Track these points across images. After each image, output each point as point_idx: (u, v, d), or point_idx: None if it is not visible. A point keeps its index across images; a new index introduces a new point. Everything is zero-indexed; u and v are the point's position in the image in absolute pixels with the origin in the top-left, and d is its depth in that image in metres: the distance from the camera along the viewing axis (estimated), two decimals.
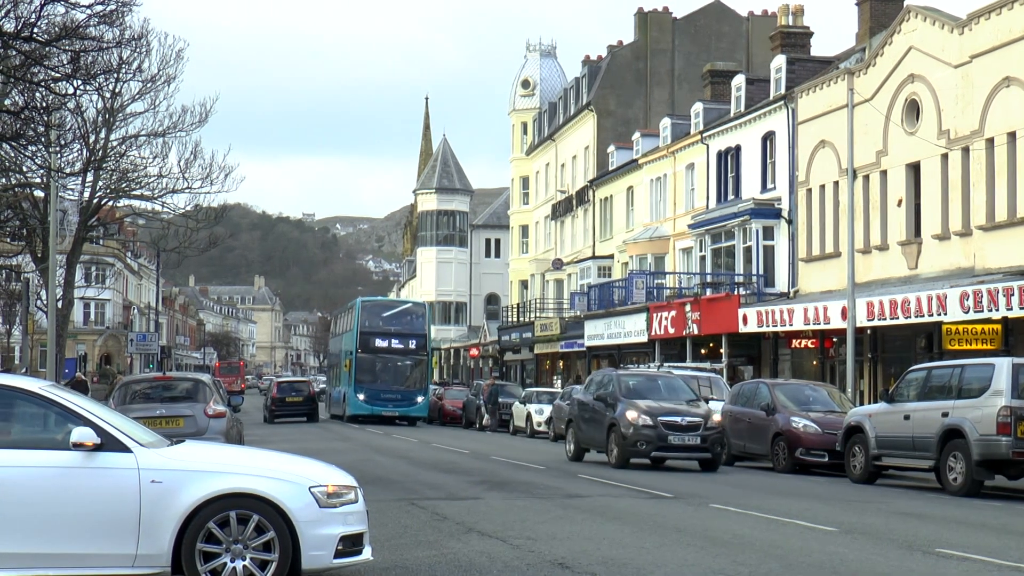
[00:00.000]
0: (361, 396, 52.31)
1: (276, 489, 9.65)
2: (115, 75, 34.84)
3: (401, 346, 53.82)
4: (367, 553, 10.12)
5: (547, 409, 41.92)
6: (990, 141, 32.05)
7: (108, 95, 40.03)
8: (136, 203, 47.53)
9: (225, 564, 9.52)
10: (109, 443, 9.55)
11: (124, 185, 44.20)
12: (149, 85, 41.72)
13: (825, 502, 18.91)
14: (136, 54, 37.15)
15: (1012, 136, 31.24)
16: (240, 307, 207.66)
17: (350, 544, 9.88)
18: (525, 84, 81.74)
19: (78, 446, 9.44)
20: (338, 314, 66.49)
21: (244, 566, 9.55)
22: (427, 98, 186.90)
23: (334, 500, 9.83)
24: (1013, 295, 28.11)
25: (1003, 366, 20.52)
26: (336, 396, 58.07)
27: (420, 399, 53.47)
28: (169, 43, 40.27)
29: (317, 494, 9.75)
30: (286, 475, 9.88)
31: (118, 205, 48.69)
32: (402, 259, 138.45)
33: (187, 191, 43.94)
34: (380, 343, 53.30)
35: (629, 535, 14.31)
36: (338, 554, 9.78)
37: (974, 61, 32.55)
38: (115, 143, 43.00)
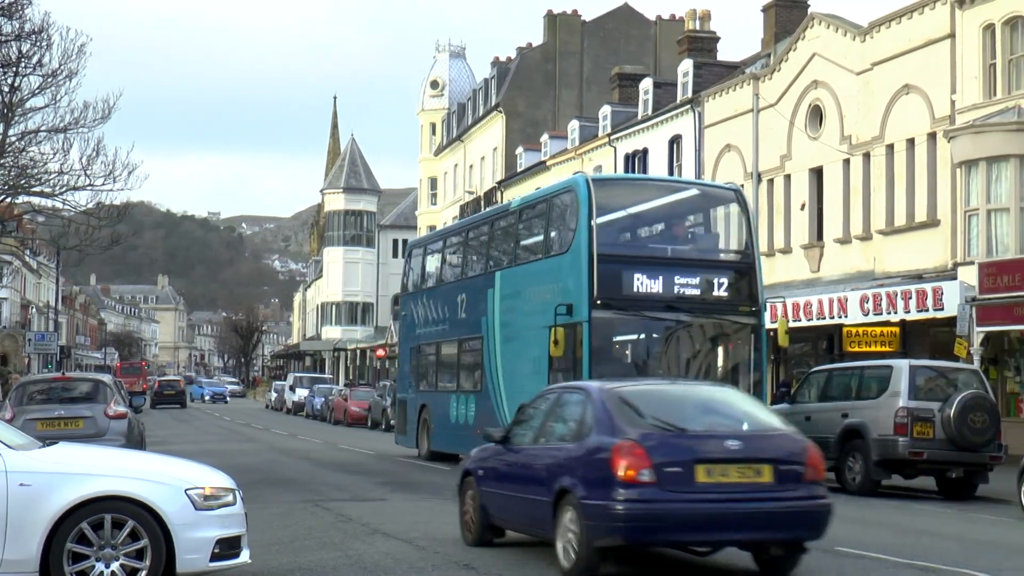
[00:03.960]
0: None
1: (150, 491, 9.44)
2: (14, 69, 34.12)
3: (697, 293, 21.09)
4: (245, 556, 9.95)
5: None
6: (890, 147, 32.66)
7: (7, 89, 39.24)
8: (36, 200, 46.62)
9: (94, 568, 9.28)
10: None
11: (23, 182, 43.29)
12: (50, 80, 40.98)
13: None
14: (36, 48, 36.42)
15: (911, 143, 31.86)
16: (143, 307, 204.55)
17: (227, 547, 9.70)
18: (434, 84, 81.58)
19: None
20: (469, 228, 28.26)
21: (114, 571, 9.31)
22: (335, 97, 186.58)
23: (211, 502, 9.64)
24: (911, 298, 28.67)
25: (902, 368, 20.93)
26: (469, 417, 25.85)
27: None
28: (71, 37, 39.41)
29: (193, 496, 9.56)
30: (161, 477, 9.68)
31: (16, 202, 47.67)
32: (309, 259, 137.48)
33: (89, 188, 43.15)
34: (648, 284, 20.89)
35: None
36: (214, 557, 9.60)
37: (875, 68, 33.14)
38: (14, 138, 42.13)
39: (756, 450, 10.89)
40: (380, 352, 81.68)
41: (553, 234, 22.48)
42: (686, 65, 45.84)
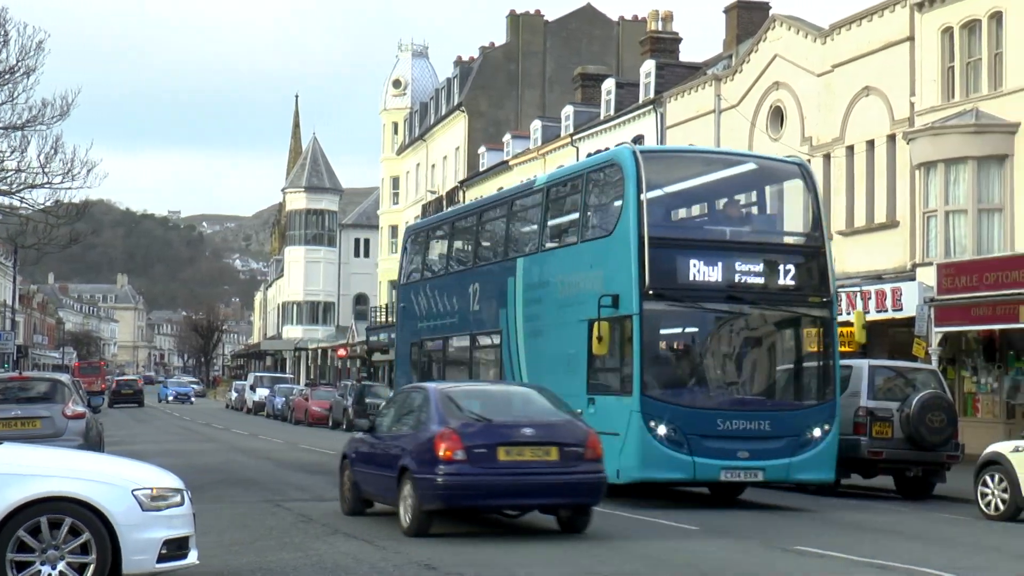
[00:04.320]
0: (662, 429, 17.73)
1: (96, 492, 9.32)
2: None
3: (761, 281, 18.52)
4: (193, 557, 9.84)
5: None
6: (850, 148, 32.87)
7: None
8: None
9: (40, 571, 9.14)
10: None
11: None
12: (7, 77, 40.60)
13: (677, 500, 19.18)
14: None
15: (871, 144, 32.07)
16: (102, 306, 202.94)
17: (175, 548, 9.60)
18: (397, 84, 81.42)
19: None
20: (483, 210, 25.09)
21: (61, 571, 9.18)
22: (297, 96, 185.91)
23: (158, 503, 9.54)
24: (870, 299, 28.86)
25: (861, 368, 21.05)
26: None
27: (817, 433, 18.34)
28: (29, 33, 39.07)
29: (140, 497, 9.46)
30: (107, 477, 9.57)
31: None
32: (270, 258, 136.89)
33: (47, 186, 42.73)
34: (705, 271, 18.23)
35: (496, 534, 14.34)
36: (161, 558, 9.48)
37: (835, 70, 33.34)
38: None
39: (546, 436, 14.08)
40: (341, 352, 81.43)
41: (591, 215, 19.82)
42: (648, 66, 45.96)
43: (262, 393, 67.58)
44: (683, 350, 18.83)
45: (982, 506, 17.54)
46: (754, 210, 20.55)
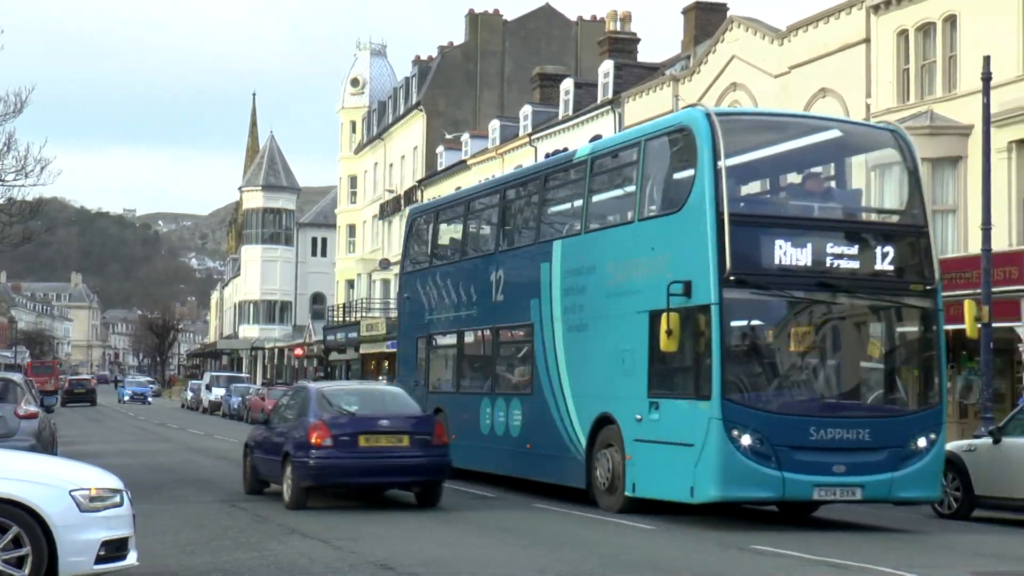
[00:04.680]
0: (746, 439, 15.00)
1: (32, 493, 9.17)
2: None
3: (856, 266, 16.02)
4: (132, 558, 9.69)
5: None
6: None
7: None
8: None
9: None
10: None
11: None
12: None
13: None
14: None
15: None
16: (56, 304, 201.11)
17: (113, 549, 9.45)
18: (355, 82, 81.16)
19: None
20: (508, 187, 22.39)
21: None
22: (255, 94, 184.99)
23: (97, 504, 9.39)
24: None
25: None
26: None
27: (922, 444, 15.78)
28: None
29: (78, 497, 9.30)
30: (44, 478, 9.42)
31: None
32: (226, 257, 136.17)
33: (0, 184, 42.37)
34: (793, 254, 15.65)
35: (453, 535, 14.32)
36: (99, 560, 9.33)
37: (793, 72, 33.52)
38: None
39: (399, 426, 17.10)
40: (298, 351, 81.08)
41: (651, 189, 17.14)
42: (607, 66, 46.04)
43: (218, 393, 67.10)
44: (769, 346, 15.98)
45: (935, 505, 17.69)
46: (840, 183, 17.76)
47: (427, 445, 16.99)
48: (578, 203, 18.97)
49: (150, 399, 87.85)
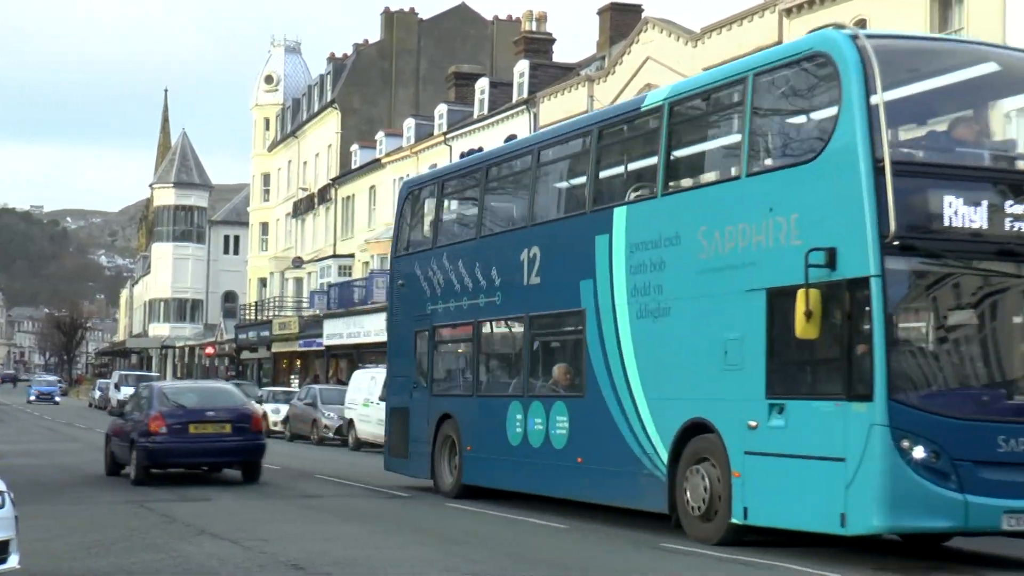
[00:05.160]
0: (920, 452, 11.56)
1: None
2: None
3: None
4: (13, 561, 9.43)
5: (283, 408, 41.41)
6: None
7: None
8: None
9: None
10: None
11: None
12: None
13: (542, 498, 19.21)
14: None
15: None
16: None
17: None
18: (269, 79, 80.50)
19: None
20: (543, 148, 18.14)
21: None
22: (167, 90, 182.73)
23: None
24: None
25: None
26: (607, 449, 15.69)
27: None
28: None
29: None
30: None
31: None
32: (136, 255, 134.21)
33: None
34: (966, 214, 12.18)
35: (365, 534, 14.20)
36: None
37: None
38: None
39: (223, 416, 21.02)
40: (209, 350, 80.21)
41: (767, 135, 13.92)
42: (522, 66, 46.12)
43: (127, 392, 66.02)
44: (944, 331, 12.44)
45: None
46: (989, 129, 14.34)
47: (246, 432, 21.00)
48: (651, 160, 15.33)
49: (58, 399, 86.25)
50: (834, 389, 11.94)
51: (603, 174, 16.45)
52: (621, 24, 42.65)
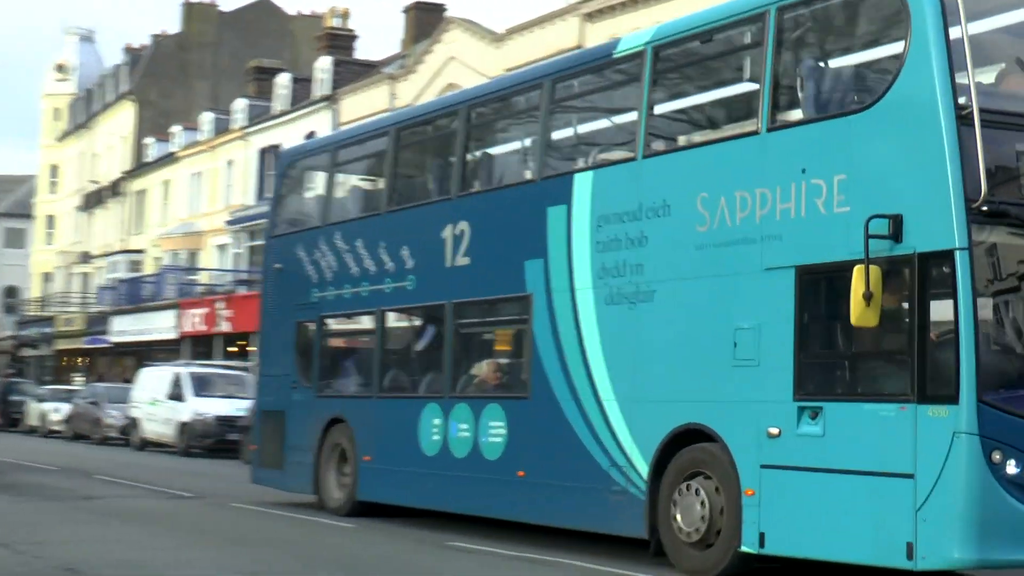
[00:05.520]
0: (1012, 467, 9.19)
1: None
2: None
3: None
4: None
5: (64, 408, 39.96)
6: None
7: None
8: None
9: None
10: None
11: None
12: None
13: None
14: None
15: None
16: None
17: None
18: (60, 68, 78.13)
19: None
20: (474, 106, 15.04)
21: None
22: None
23: None
24: None
25: None
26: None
27: None
28: None
29: None
30: None
31: None
32: None
33: None
34: None
35: (147, 536, 13.68)
36: None
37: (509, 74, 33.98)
38: None
39: None
40: None
41: (797, 80, 10.83)
42: (324, 62, 45.70)
43: None
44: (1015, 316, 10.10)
45: None
46: None
47: None
48: (628, 116, 12.79)
49: None
50: (899, 388, 9.56)
51: (556, 135, 13.83)
52: (426, 23, 42.63)
